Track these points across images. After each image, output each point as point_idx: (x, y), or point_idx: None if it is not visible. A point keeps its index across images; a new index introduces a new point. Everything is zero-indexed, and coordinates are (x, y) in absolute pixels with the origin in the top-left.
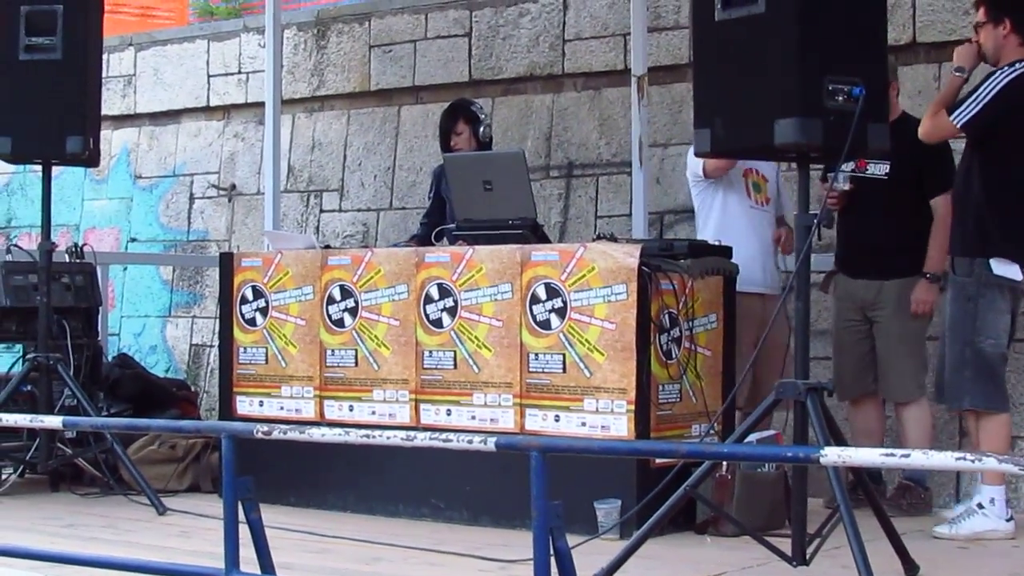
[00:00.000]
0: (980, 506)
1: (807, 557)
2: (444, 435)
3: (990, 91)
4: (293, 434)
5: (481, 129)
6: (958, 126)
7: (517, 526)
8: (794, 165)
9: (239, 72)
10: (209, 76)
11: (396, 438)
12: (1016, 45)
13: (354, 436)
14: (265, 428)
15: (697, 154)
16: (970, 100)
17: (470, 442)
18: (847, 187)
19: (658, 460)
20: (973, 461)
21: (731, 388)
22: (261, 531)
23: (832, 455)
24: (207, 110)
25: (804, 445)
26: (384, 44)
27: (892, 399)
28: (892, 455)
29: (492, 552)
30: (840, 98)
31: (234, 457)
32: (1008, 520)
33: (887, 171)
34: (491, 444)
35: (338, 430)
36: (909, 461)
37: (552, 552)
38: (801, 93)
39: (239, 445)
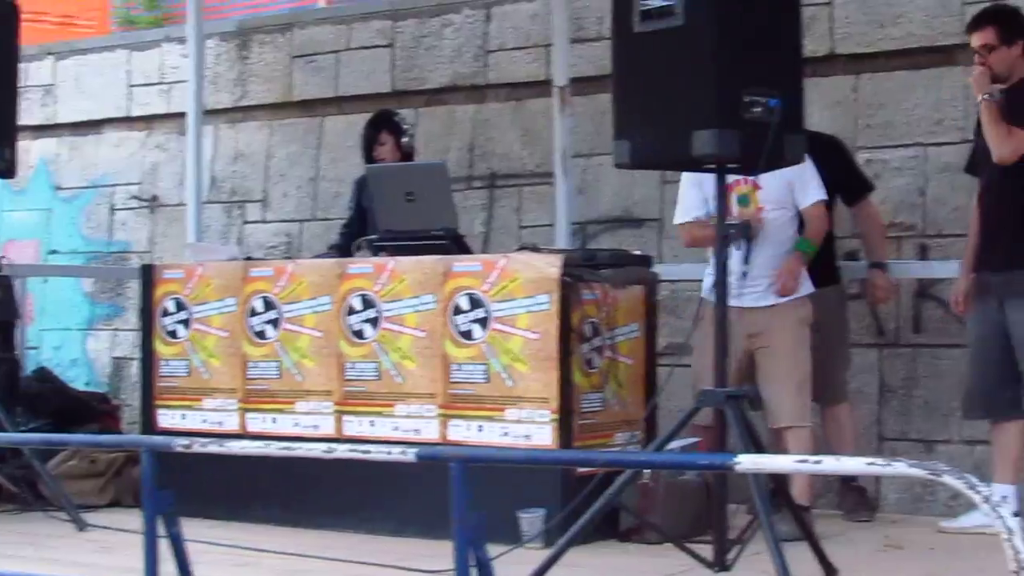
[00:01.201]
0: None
1: (727, 563)
2: (364, 446)
3: None
4: (213, 447)
5: (404, 140)
6: None
7: (443, 537)
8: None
9: (161, 82)
10: (130, 86)
11: (316, 450)
12: (1020, 62)
13: (274, 448)
14: (185, 442)
15: (616, 165)
16: None
17: (390, 453)
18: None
19: (581, 469)
20: (883, 466)
21: (653, 396)
22: (181, 545)
23: (747, 462)
24: (128, 120)
25: (722, 453)
26: (307, 54)
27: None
28: (805, 461)
29: (417, 563)
30: (757, 110)
31: (154, 471)
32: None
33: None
34: (411, 455)
35: (258, 443)
36: (821, 467)
37: (474, 562)
38: (719, 105)
39: (160, 459)
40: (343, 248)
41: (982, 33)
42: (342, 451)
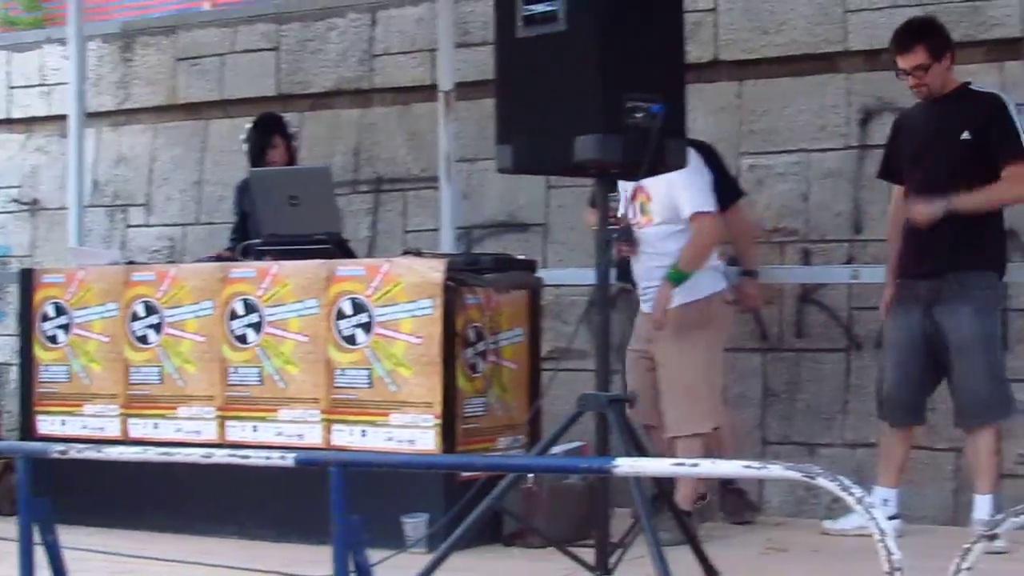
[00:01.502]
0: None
1: (610, 567)
2: (243, 451)
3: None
4: (90, 453)
5: (294, 144)
6: None
7: (325, 542)
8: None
9: (42, 84)
10: (10, 88)
11: (195, 455)
12: (950, 72)
13: (151, 454)
14: (61, 447)
15: (499, 170)
16: (1010, 132)
17: (269, 458)
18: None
19: (465, 473)
20: (759, 469)
21: (536, 400)
22: (58, 554)
23: (625, 466)
24: (9, 123)
25: (603, 456)
26: (191, 57)
27: None
28: (682, 464)
29: (299, 568)
30: (639, 115)
31: (30, 478)
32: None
33: None
34: (290, 460)
35: (136, 448)
36: (699, 470)
37: (353, 567)
38: (601, 110)
39: (40, 466)
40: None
41: (913, 55)
42: (220, 456)
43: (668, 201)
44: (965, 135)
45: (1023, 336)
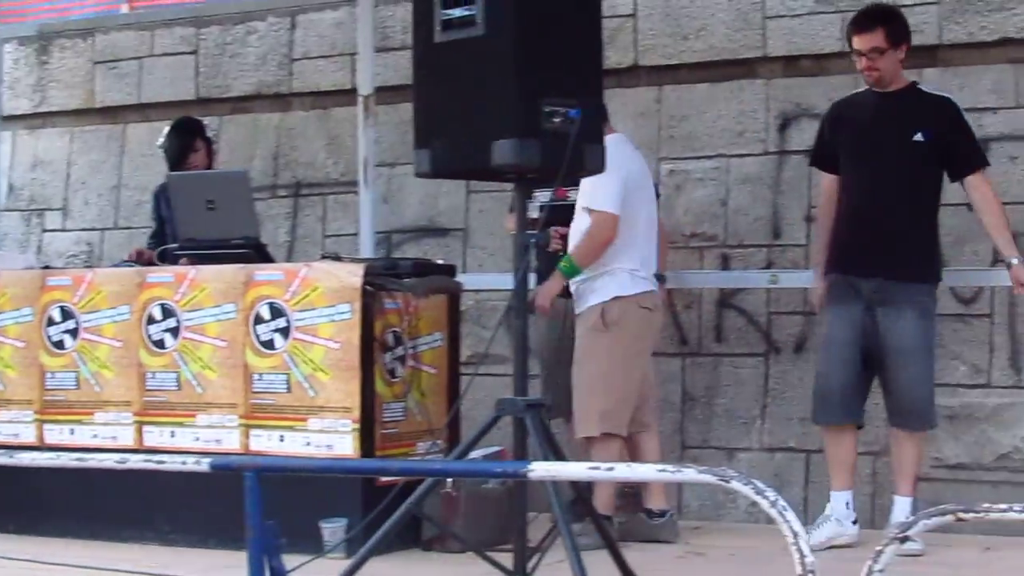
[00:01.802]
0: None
1: (528, 571)
2: (158, 457)
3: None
4: (3, 459)
5: (215, 147)
6: None
7: (244, 547)
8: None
9: None
10: None
11: (109, 460)
12: (900, 67)
13: (65, 459)
14: None
15: (417, 174)
16: (973, 140)
17: (184, 463)
18: (536, 216)
19: (384, 478)
20: (674, 472)
21: (455, 404)
22: None
23: (540, 470)
24: None
25: (519, 460)
26: (109, 60)
27: None
28: (597, 468)
29: (216, 573)
30: (557, 119)
31: None
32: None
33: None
34: (205, 465)
35: (49, 454)
36: (614, 474)
37: (269, 572)
38: (519, 115)
39: None
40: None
41: (871, 36)
42: (135, 462)
43: (580, 190)
44: (918, 136)
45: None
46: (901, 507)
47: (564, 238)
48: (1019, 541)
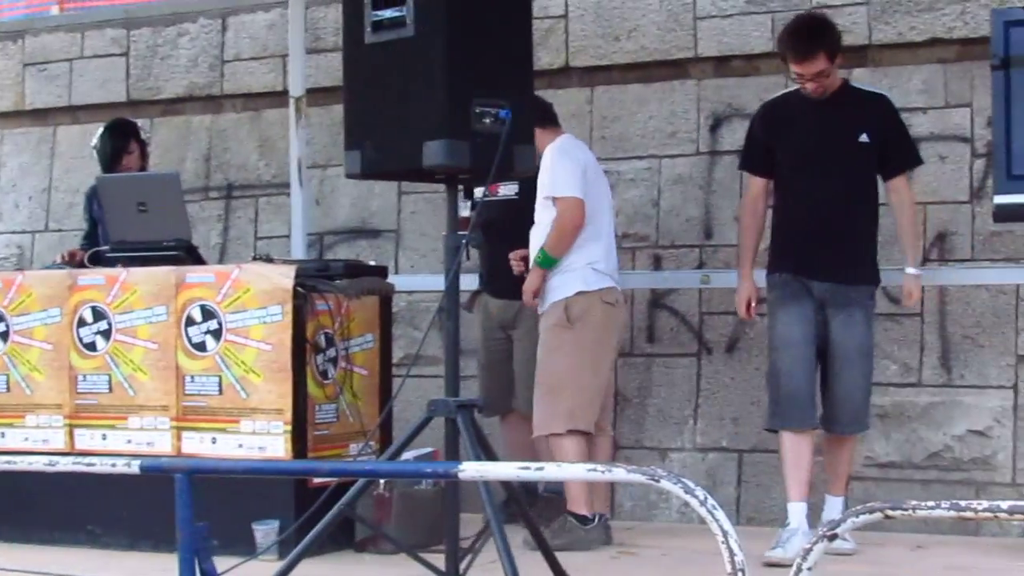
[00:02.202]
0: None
1: (461, 572)
2: (88, 459)
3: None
4: None
5: (148, 149)
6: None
7: (175, 550)
8: None
9: None
10: None
11: (39, 463)
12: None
13: None
14: None
15: (347, 176)
16: (909, 139)
17: (114, 465)
18: (466, 214)
19: (316, 480)
20: (603, 472)
21: (387, 406)
22: None
23: (470, 470)
24: None
25: (451, 461)
26: (39, 62)
27: (525, 412)
28: (527, 468)
29: None
30: (488, 120)
31: None
32: None
33: (516, 191)
34: (135, 467)
35: None
36: (543, 474)
37: (199, 574)
38: (449, 116)
39: None
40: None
41: (814, 62)
42: (65, 464)
43: (539, 185)
44: (863, 137)
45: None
46: (833, 506)
47: (525, 259)
48: (950, 539)
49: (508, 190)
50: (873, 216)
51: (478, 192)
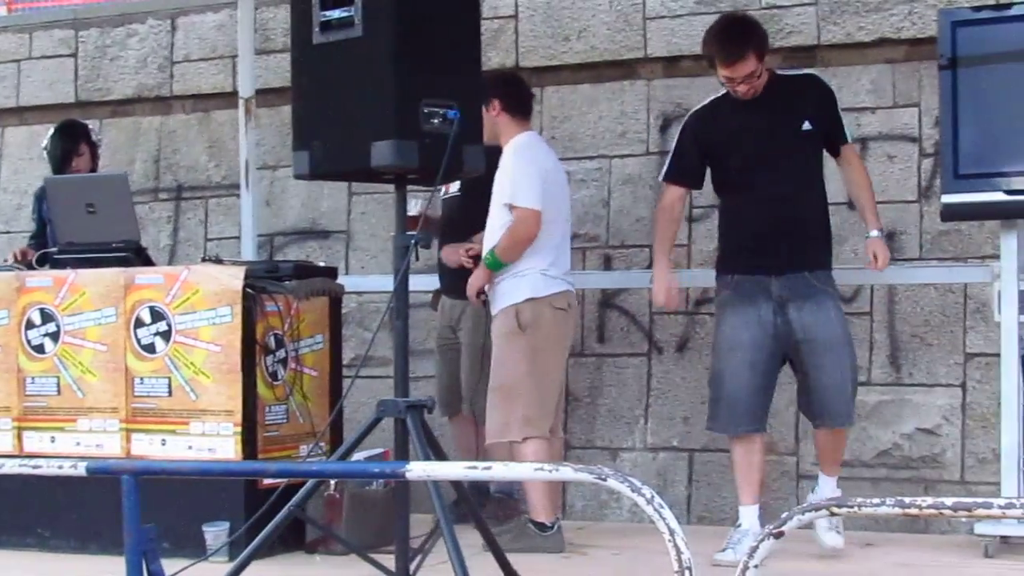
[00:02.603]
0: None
1: (411, 572)
2: (35, 461)
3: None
4: None
5: (99, 151)
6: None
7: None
8: None
9: None
10: None
11: None
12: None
13: None
14: None
15: (296, 176)
16: (843, 120)
17: (61, 467)
18: (415, 213)
19: (267, 481)
20: (550, 471)
21: (337, 406)
22: None
23: (417, 470)
24: None
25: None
26: None
27: (471, 416)
28: (475, 468)
29: None
30: (436, 120)
31: None
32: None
33: (459, 188)
34: (82, 469)
35: None
36: (491, 473)
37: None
38: (397, 116)
39: None
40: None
41: (744, 63)
42: (10, 467)
43: (497, 187)
44: (806, 126)
45: None
46: (826, 484)
47: (476, 258)
48: (900, 537)
49: (452, 187)
50: (824, 202)
51: (424, 192)
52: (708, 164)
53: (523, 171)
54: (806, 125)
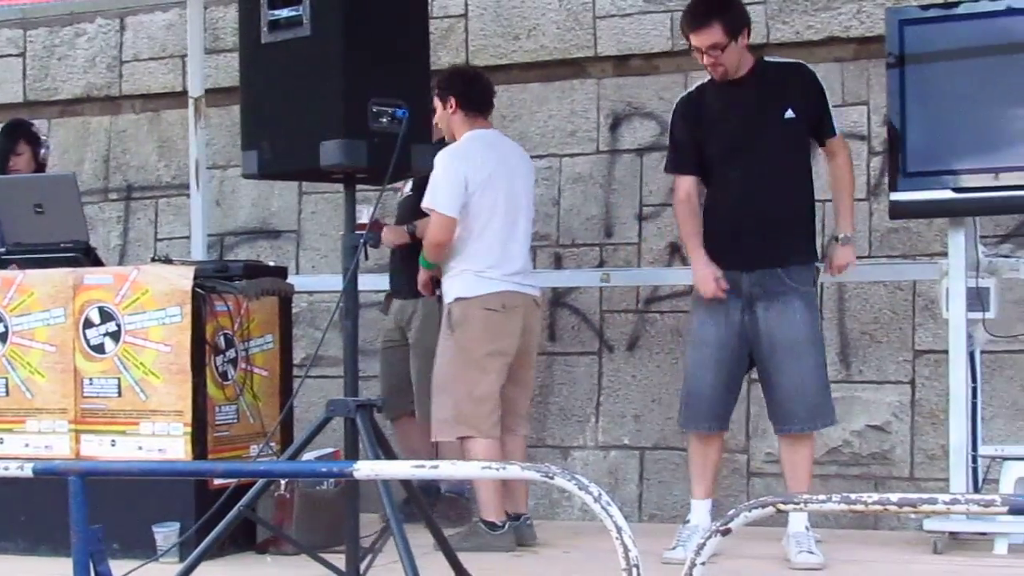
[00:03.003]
0: (807, 528)
1: (361, 572)
2: None
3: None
4: None
5: (42, 151)
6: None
7: None
8: None
9: None
10: None
11: None
12: (746, 51)
13: None
14: None
15: (244, 176)
16: (831, 111)
17: (7, 469)
18: (364, 220)
19: (218, 481)
20: (498, 469)
21: (287, 406)
22: None
23: (365, 469)
24: None
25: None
26: None
27: (423, 417)
28: (422, 467)
29: None
30: (385, 120)
31: None
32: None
33: (411, 188)
34: (28, 470)
35: None
36: (438, 472)
37: None
38: (346, 115)
39: None
40: None
41: (708, 32)
42: None
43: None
44: (789, 113)
45: None
46: (796, 519)
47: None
48: (850, 533)
49: (406, 188)
50: (808, 194)
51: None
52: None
53: (442, 175)
54: (788, 113)
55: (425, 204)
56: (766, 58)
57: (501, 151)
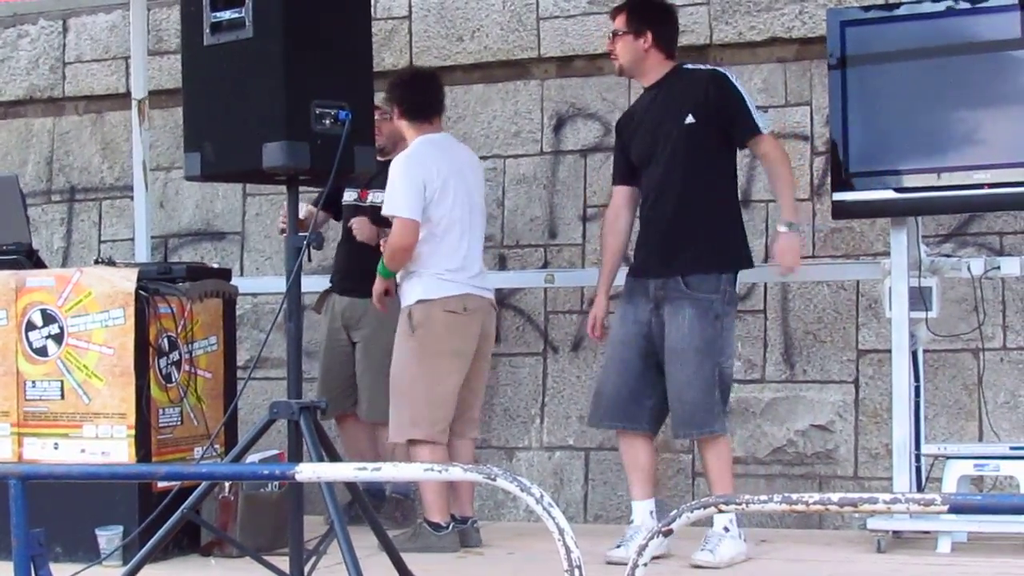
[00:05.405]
0: (726, 529)
1: (305, 574)
2: None
3: (746, 95)
4: None
5: None
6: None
7: None
8: None
9: None
10: None
11: None
12: (660, 60)
13: None
14: None
15: (187, 178)
16: (754, 110)
17: None
18: (303, 216)
19: (161, 484)
20: (440, 471)
21: (231, 408)
22: None
23: (307, 471)
24: None
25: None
26: None
27: (367, 418)
28: (364, 468)
29: None
30: (327, 122)
31: None
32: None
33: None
34: None
35: None
36: (380, 474)
37: None
38: (288, 117)
39: None
40: None
41: (617, 17)
42: None
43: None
44: (688, 119)
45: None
46: (719, 518)
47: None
48: (794, 533)
49: (376, 197)
50: (713, 201)
51: (348, 196)
52: None
53: (400, 181)
54: (689, 118)
55: (386, 211)
56: (685, 65)
57: (453, 154)
